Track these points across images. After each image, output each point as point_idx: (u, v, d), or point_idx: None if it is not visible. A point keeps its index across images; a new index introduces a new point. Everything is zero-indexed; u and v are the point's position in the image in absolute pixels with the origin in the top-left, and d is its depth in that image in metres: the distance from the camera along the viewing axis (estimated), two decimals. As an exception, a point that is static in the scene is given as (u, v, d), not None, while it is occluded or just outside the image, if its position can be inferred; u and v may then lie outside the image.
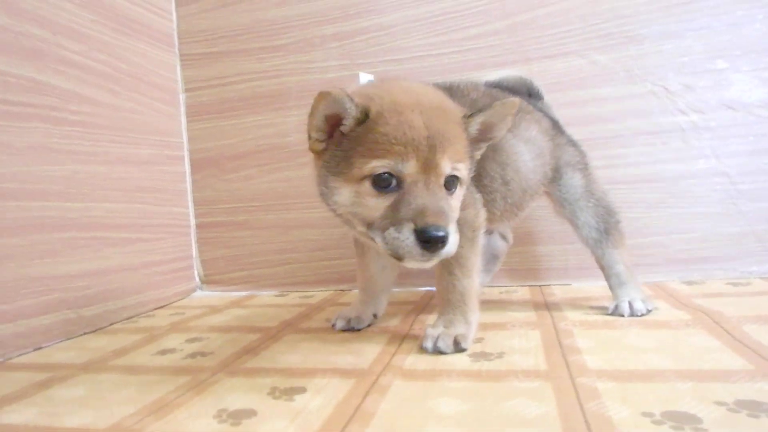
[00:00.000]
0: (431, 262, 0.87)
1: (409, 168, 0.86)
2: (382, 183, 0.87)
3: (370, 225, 0.89)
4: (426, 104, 0.90)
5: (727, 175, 1.50)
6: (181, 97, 1.88)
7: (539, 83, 1.41)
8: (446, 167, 0.88)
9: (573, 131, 1.38)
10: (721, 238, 1.51)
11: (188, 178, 1.88)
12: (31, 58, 1.28)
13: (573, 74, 1.59)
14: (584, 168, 1.30)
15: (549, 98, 1.43)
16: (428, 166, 0.86)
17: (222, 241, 1.88)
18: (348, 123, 0.89)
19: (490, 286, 1.60)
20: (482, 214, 1.08)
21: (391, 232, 0.84)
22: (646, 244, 1.55)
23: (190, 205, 1.88)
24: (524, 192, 1.20)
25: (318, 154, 0.95)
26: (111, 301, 1.46)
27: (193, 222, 1.89)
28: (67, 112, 1.37)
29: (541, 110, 1.34)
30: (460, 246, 1.02)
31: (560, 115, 1.43)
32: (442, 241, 0.82)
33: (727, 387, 0.74)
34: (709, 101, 1.51)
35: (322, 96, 0.85)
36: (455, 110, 0.95)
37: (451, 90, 1.18)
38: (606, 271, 1.25)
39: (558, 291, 1.50)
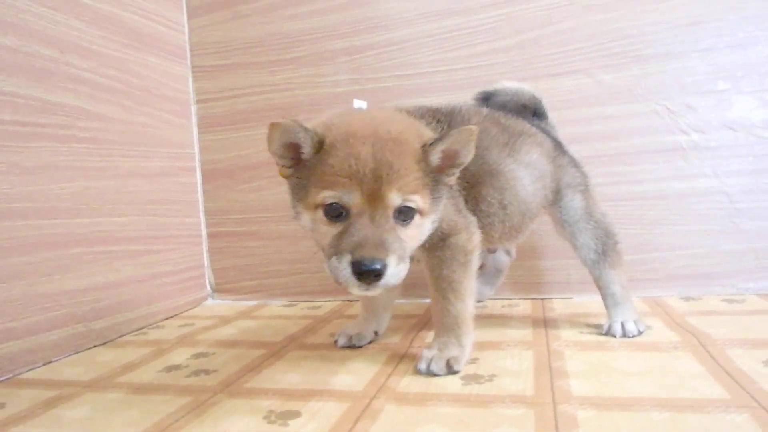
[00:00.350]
0: (372, 292, 0.89)
1: (354, 199, 0.88)
2: (332, 212, 0.90)
3: (323, 250, 0.93)
4: (381, 135, 0.91)
5: (727, 193, 1.52)
6: (193, 108, 1.93)
7: (545, 102, 1.43)
8: (394, 199, 0.89)
9: (578, 148, 1.41)
10: (720, 255, 1.53)
11: (200, 189, 1.93)
12: (40, 77, 1.31)
13: (579, 92, 1.61)
14: (585, 190, 1.31)
15: (556, 115, 1.46)
16: (374, 198, 0.88)
17: (233, 251, 1.93)
18: (306, 151, 0.92)
19: (493, 299, 1.64)
20: (475, 238, 1.10)
21: (333, 261, 0.87)
22: (648, 260, 1.57)
23: (202, 215, 1.93)
24: (523, 215, 1.22)
25: (286, 179, 0.99)
26: (121, 313, 1.50)
27: (204, 232, 1.94)
28: (76, 129, 1.41)
29: (544, 130, 1.35)
30: (453, 270, 1.05)
31: (566, 132, 1.46)
32: (377, 273, 0.84)
33: (700, 418, 0.77)
34: (711, 121, 1.53)
35: (274, 127, 0.88)
36: (414, 140, 0.94)
37: (452, 114, 1.20)
38: (602, 291, 1.27)
39: (558, 305, 1.53)
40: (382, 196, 0.88)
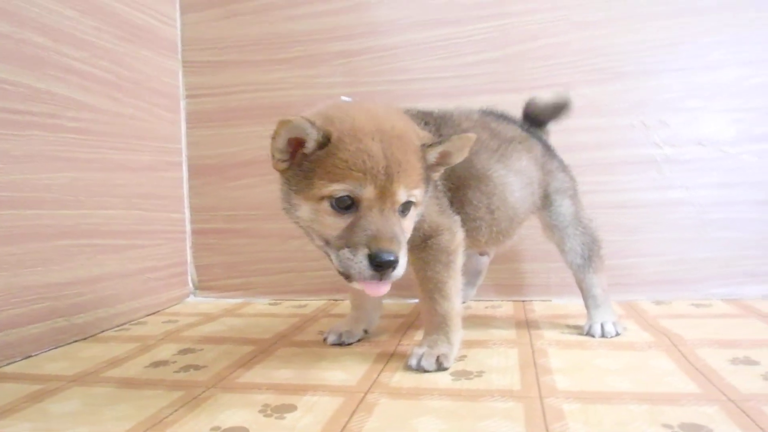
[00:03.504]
0: (382, 287, 0.92)
1: (367, 193, 0.90)
2: (340, 204, 0.91)
3: (327, 242, 0.95)
4: (386, 132, 0.93)
5: (697, 205, 1.61)
6: (182, 103, 1.93)
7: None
8: (402, 195, 0.93)
9: (562, 157, 1.46)
10: (689, 262, 1.62)
11: (185, 185, 1.93)
12: (31, 65, 1.31)
13: (563, 104, 1.67)
14: (573, 195, 1.36)
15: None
16: (384, 193, 0.91)
17: (219, 248, 1.93)
18: (309, 146, 0.93)
19: (477, 300, 1.70)
20: (458, 238, 1.12)
21: (345, 252, 0.89)
22: (623, 266, 1.64)
23: (187, 211, 1.93)
24: (511, 221, 1.25)
25: (281, 172, 1.00)
26: (103, 308, 1.50)
27: (188, 228, 1.94)
28: (65, 119, 1.40)
29: (535, 135, 1.39)
30: (437, 272, 1.09)
31: (550, 141, 1.50)
32: (392, 265, 0.88)
33: (675, 410, 0.83)
34: (683, 137, 1.62)
35: (283, 123, 0.89)
36: (414, 138, 0.98)
37: (444, 119, 1.23)
38: (584, 293, 1.33)
39: (539, 307, 1.59)
40: (392, 192, 0.91)
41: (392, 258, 0.87)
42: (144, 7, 1.73)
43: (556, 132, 1.62)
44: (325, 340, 1.28)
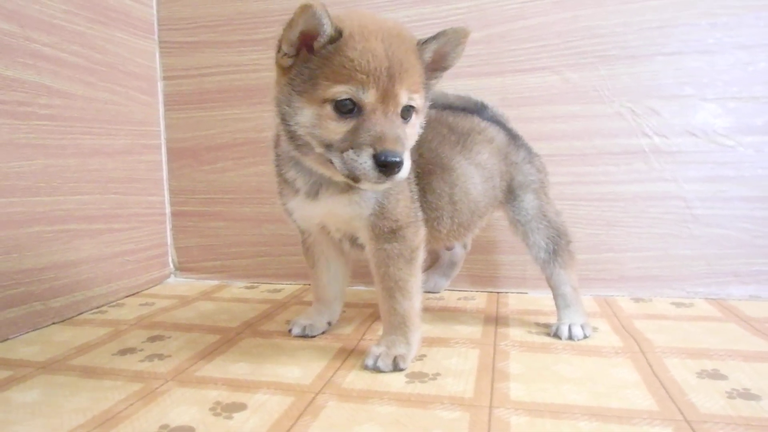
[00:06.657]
0: (384, 186, 0.95)
1: (369, 97, 0.90)
2: (342, 108, 0.91)
3: (328, 147, 0.93)
4: (388, 32, 0.93)
5: (684, 199, 1.55)
6: (160, 85, 1.90)
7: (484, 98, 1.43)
8: (403, 98, 0.93)
9: (541, 146, 1.43)
10: (672, 259, 1.57)
11: (164, 167, 1.91)
12: (-1, 52, 1.29)
13: (545, 89, 1.61)
14: (539, 188, 1.33)
15: (520, 112, 1.51)
16: (387, 96, 0.91)
17: (197, 231, 1.92)
18: (321, 41, 0.91)
19: (450, 290, 1.67)
20: (421, 233, 1.11)
21: (350, 154, 0.89)
22: (602, 260, 1.61)
23: (166, 193, 1.92)
24: (472, 213, 1.24)
25: (283, 70, 0.96)
26: (80, 291, 1.50)
27: (168, 210, 1.93)
28: (37, 106, 1.38)
29: (497, 122, 1.35)
30: (399, 268, 1.07)
31: (530, 129, 1.47)
32: (397, 165, 0.88)
33: (624, 429, 0.80)
34: (674, 126, 1.55)
35: (304, 9, 0.86)
36: (412, 38, 0.98)
37: None
38: (553, 290, 1.30)
39: (513, 300, 1.56)
40: (395, 94, 0.91)
41: (397, 159, 0.88)
42: (117, -13, 1.68)
43: (536, 120, 1.59)
44: (290, 331, 1.27)
